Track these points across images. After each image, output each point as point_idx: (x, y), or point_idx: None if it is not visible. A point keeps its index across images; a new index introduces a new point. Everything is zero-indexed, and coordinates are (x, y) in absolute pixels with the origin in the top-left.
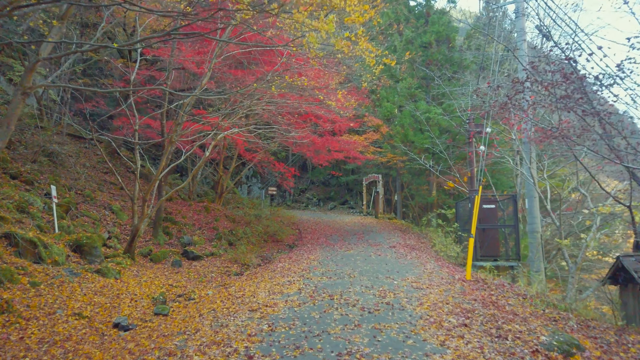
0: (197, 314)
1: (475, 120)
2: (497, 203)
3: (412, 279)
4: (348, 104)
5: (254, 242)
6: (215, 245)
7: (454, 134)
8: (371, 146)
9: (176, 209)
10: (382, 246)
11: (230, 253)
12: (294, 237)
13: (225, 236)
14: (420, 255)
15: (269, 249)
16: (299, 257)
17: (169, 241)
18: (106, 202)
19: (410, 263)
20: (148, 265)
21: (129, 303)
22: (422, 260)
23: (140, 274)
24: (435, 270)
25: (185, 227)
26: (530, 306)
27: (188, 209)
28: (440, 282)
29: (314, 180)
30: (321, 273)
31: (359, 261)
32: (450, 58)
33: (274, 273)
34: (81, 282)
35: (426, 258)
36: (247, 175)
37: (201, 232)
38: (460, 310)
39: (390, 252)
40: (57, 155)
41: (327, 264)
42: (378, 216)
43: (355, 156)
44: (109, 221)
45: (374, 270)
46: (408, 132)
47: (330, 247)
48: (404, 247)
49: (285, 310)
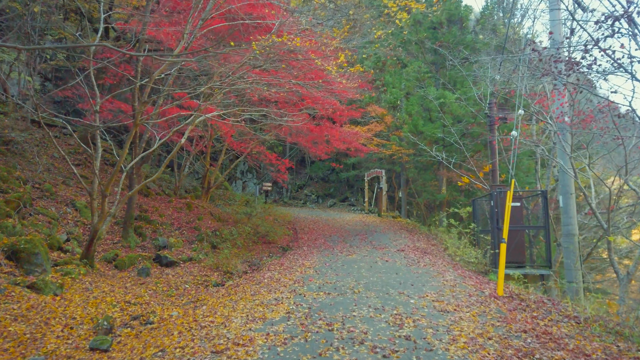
0: (144, 351)
1: (498, 104)
2: (522, 200)
3: (432, 296)
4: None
5: (241, 244)
6: (196, 248)
7: (470, 123)
8: (375, 138)
9: (153, 206)
10: (389, 249)
11: (212, 258)
12: (288, 238)
13: (208, 238)
14: (435, 261)
15: (258, 252)
16: (292, 264)
17: (141, 243)
18: (70, 198)
19: (425, 272)
20: (110, 274)
21: (60, 332)
22: (438, 268)
23: (93, 287)
24: (457, 283)
25: (162, 227)
26: (595, 338)
27: (167, 206)
28: (469, 301)
29: (313, 175)
30: (317, 286)
31: (363, 269)
32: (462, 40)
33: (258, 286)
34: (0, 303)
35: (442, 265)
36: (242, 171)
37: (180, 233)
38: (513, 354)
39: (399, 257)
40: (16, 144)
41: (326, 272)
42: (381, 214)
43: (358, 147)
44: (69, 220)
45: (383, 283)
46: (417, 121)
47: (329, 251)
48: (414, 251)
49: (263, 352)
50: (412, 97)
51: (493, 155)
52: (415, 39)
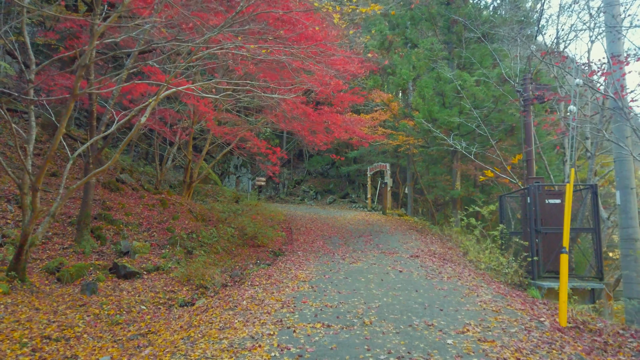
0: None
1: (533, 80)
2: (562, 197)
3: (475, 331)
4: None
5: (222, 249)
6: (166, 254)
7: (491, 108)
8: (380, 127)
9: (120, 203)
10: (401, 255)
11: (184, 267)
12: (281, 241)
13: (182, 241)
14: (459, 271)
15: (244, 258)
16: (282, 275)
17: (98, 248)
18: (13, 193)
19: (453, 288)
20: (46, 291)
21: None
22: (467, 282)
23: (8, 312)
24: (500, 306)
25: (128, 227)
26: None
27: (138, 202)
28: (530, 340)
29: (311, 170)
30: (313, 313)
31: (372, 284)
32: (479, 15)
33: (232, 313)
34: None
35: (470, 277)
36: (236, 165)
37: (149, 236)
38: None
39: (414, 266)
40: None
41: (325, 289)
42: (386, 212)
43: (362, 136)
44: (9, 220)
45: (402, 306)
46: (432, 106)
47: (328, 257)
48: (431, 257)
49: None
50: (425, 78)
51: (528, 141)
52: (427, 14)
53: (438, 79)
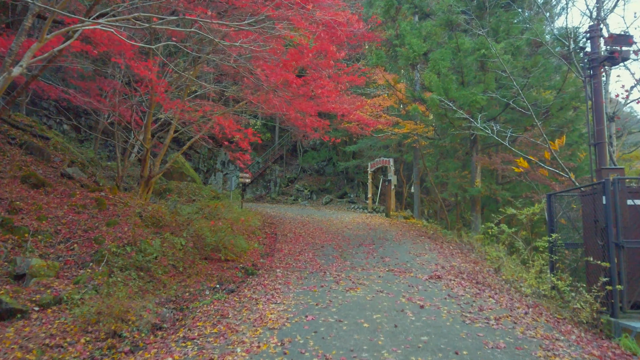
0: None
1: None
2: None
3: None
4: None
5: (167, 268)
6: (80, 278)
7: (522, 87)
8: (383, 114)
9: (35, 204)
10: (415, 275)
11: (100, 299)
12: (259, 252)
13: (113, 256)
14: (507, 304)
15: (199, 280)
16: (242, 314)
17: None
18: None
19: (513, 343)
20: None
21: None
22: (529, 329)
23: None
24: None
25: (38, 237)
26: None
27: (64, 202)
28: None
29: (306, 167)
30: None
31: (381, 334)
32: None
33: None
34: None
35: (530, 318)
36: (224, 161)
37: (65, 249)
38: None
39: (439, 296)
40: None
41: (303, 349)
42: (390, 214)
43: (363, 121)
44: None
45: None
46: (449, 83)
47: (317, 277)
48: (458, 279)
49: None
50: (441, 49)
51: (599, 119)
52: None
53: (456, 51)
